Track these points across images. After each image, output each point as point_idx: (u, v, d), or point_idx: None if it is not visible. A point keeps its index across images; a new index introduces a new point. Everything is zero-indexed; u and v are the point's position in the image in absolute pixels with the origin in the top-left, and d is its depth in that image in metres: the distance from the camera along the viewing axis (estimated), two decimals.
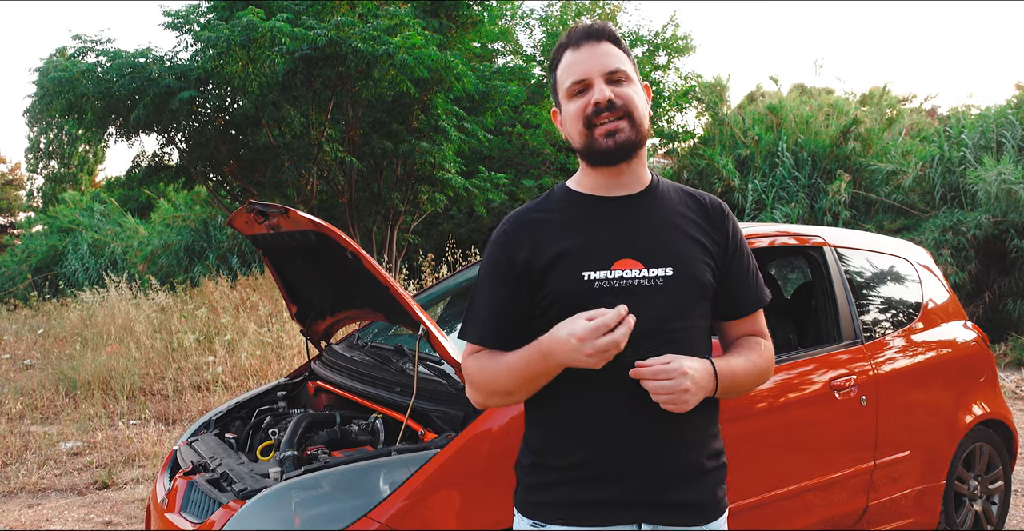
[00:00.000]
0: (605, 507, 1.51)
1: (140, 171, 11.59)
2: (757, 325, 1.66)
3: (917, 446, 3.20)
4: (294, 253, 2.86)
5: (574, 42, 1.54)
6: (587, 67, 1.51)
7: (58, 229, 19.64)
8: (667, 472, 1.51)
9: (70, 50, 10.35)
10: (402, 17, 10.08)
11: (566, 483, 1.53)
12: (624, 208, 1.56)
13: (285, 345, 7.52)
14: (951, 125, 10.97)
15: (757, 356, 1.59)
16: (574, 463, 1.52)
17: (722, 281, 1.59)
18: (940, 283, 3.75)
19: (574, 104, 1.53)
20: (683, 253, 1.53)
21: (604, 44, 1.53)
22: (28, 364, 8.98)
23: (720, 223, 1.61)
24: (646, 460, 1.50)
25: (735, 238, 1.62)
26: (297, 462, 2.38)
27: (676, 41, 16.75)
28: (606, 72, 1.51)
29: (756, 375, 1.59)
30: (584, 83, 1.51)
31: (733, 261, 1.61)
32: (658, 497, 1.51)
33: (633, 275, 1.50)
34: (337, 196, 11.47)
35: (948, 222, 9.46)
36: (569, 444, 1.53)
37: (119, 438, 5.58)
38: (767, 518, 2.74)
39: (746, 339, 1.64)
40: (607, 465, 1.50)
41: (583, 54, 1.53)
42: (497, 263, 1.57)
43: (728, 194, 11.86)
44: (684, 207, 1.59)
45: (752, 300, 1.64)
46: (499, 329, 1.56)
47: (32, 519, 4.20)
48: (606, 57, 1.52)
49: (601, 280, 1.49)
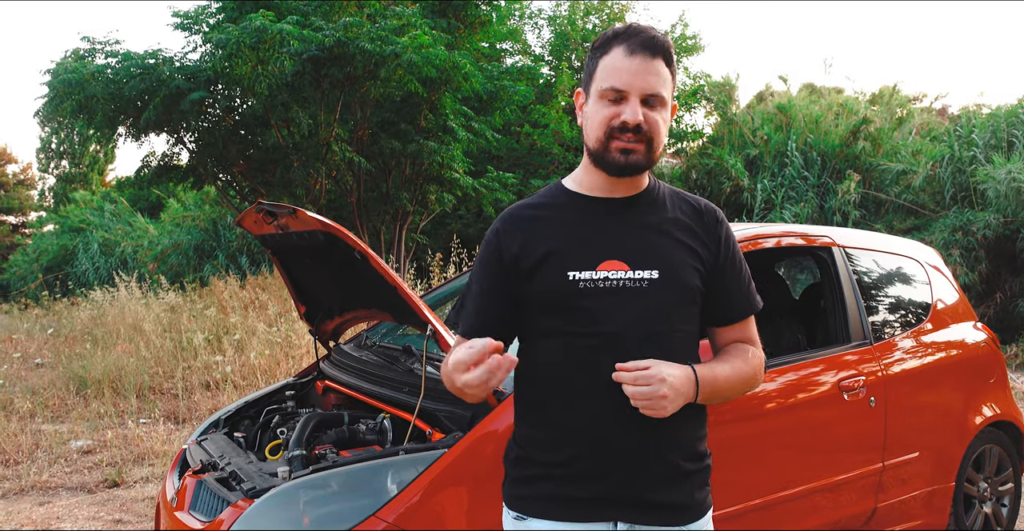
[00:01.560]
0: (585, 504, 1.53)
1: (150, 171, 11.64)
2: (747, 332, 1.66)
3: (926, 447, 3.19)
4: (303, 253, 2.87)
5: (630, 46, 1.49)
6: (630, 80, 1.48)
7: (69, 229, 19.78)
8: (647, 473, 1.53)
9: (81, 51, 10.40)
10: (409, 17, 10.09)
11: (549, 478, 1.56)
12: (617, 211, 1.58)
13: (294, 344, 7.54)
14: (962, 125, 10.91)
15: (743, 364, 1.59)
16: (557, 460, 1.55)
17: (712, 287, 1.59)
18: (950, 283, 3.73)
19: (603, 109, 1.51)
20: (671, 257, 1.54)
21: (657, 61, 1.50)
22: (39, 363, 9.04)
23: (713, 229, 1.61)
24: (627, 461, 1.52)
25: (727, 244, 1.62)
26: (305, 461, 2.39)
27: (685, 41, 16.72)
28: (646, 93, 1.49)
29: (740, 383, 1.58)
30: (621, 94, 1.49)
31: (725, 267, 1.61)
32: (637, 497, 1.53)
33: (618, 276, 1.51)
34: (346, 196, 11.50)
35: (958, 222, 9.41)
36: (552, 441, 1.56)
37: (129, 437, 5.61)
38: (775, 519, 2.73)
39: (734, 346, 1.64)
40: (589, 463, 1.53)
41: (633, 64, 1.48)
42: (490, 258, 1.60)
43: (737, 194, 11.83)
44: (678, 212, 1.60)
45: (743, 307, 1.64)
46: (485, 323, 1.59)
47: (43, 517, 4.23)
48: (653, 77, 1.49)
49: (586, 280, 1.51)
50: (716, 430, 1.78)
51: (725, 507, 2.50)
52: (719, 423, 2.45)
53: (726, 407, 2.52)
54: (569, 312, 1.50)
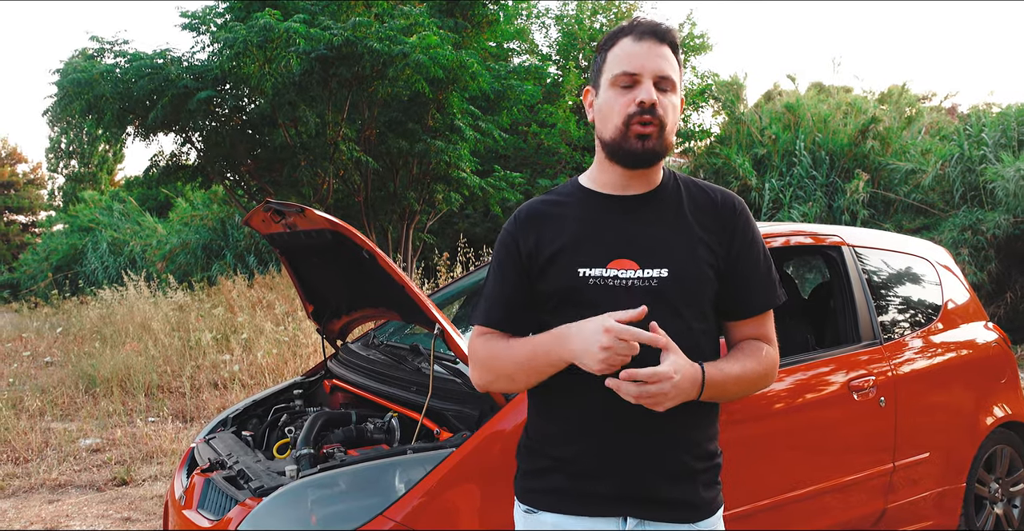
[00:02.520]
0: (595, 499, 1.53)
1: (158, 170, 11.68)
2: (763, 328, 1.62)
3: (937, 448, 3.17)
4: (310, 252, 2.88)
5: (637, 33, 1.52)
6: (643, 63, 1.49)
7: (78, 228, 19.89)
8: (656, 471, 1.52)
9: (89, 51, 10.45)
10: (417, 17, 10.10)
11: (558, 471, 1.56)
12: (629, 208, 1.57)
13: (301, 343, 7.56)
14: (971, 123, 10.85)
15: (755, 363, 1.55)
16: (567, 455, 1.55)
17: (727, 280, 1.56)
18: (960, 283, 3.71)
19: (619, 96, 1.51)
20: (682, 254, 1.53)
21: (665, 47, 1.51)
22: (49, 361, 9.09)
23: (728, 220, 1.58)
24: (636, 458, 1.52)
25: (744, 235, 1.59)
26: (313, 460, 2.39)
27: (692, 40, 16.69)
28: (658, 75, 1.49)
29: (749, 382, 1.55)
30: (634, 78, 1.49)
31: (740, 259, 1.58)
32: (646, 494, 1.52)
33: (627, 275, 1.51)
34: (353, 195, 11.52)
35: (967, 221, 9.36)
36: (563, 435, 1.56)
37: (137, 435, 5.63)
38: (784, 520, 2.72)
39: (748, 343, 1.60)
40: (597, 460, 1.53)
41: (643, 48, 1.50)
42: (507, 252, 1.61)
43: (745, 193, 11.80)
44: (692, 205, 1.58)
45: (759, 301, 1.60)
46: (507, 314, 1.61)
47: (52, 515, 4.25)
48: (663, 60, 1.50)
49: (595, 278, 1.51)
50: (726, 430, 1.77)
51: (735, 507, 2.48)
52: (729, 423, 2.44)
53: (736, 406, 2.51)
54: (579, 308, 1.50)
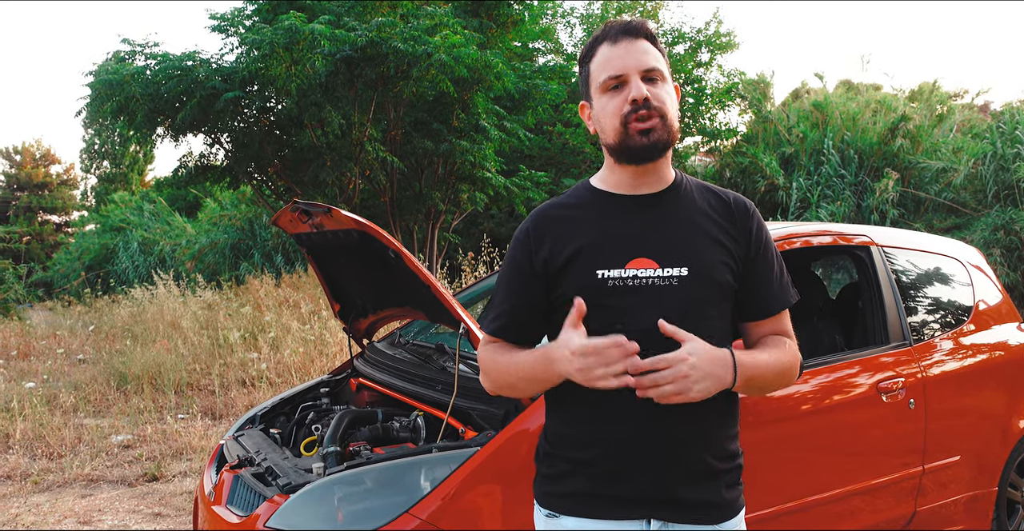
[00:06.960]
0: (616, 502, 1.52)
1: (187, 171, 11.84)
2: (781, 325, 1.62)
3: (968, 451, 3.12)
4: (337, 252, 2.90)
5: (611, 37, 1.53)
6: (624, 63, 1.50)
7: (110, 228, 20.23)
8: (677, 472, 1.51)
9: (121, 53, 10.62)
10: (442, 17, 10.13)
11: (579, 475, 1.54)
12: (644, 207, 1.56)
13: (327, 342, 7.62)
14: (1005, 121, 10.64)
15: (781, 353, 1.55)
16: (586, 458, 1.54)
17: (745, 281, 1.57)
18: (993, 284, 3.65)
19: (610, 100, 1.51)
20: (700, 253, 1.52)
21: (641, 41, 1.52)
22: (81, 359, 9.25)
23: (743, 223, 1.58)
24: (657, 459, 1.50)
25: (759, 238, 1.59)
26: (340, 458, 2.41)
27: (719, 38, 16.54)
28: (643, 70, 1.50)
29: (779, 372, 1.54)
30: (620, 79, 1.50)
31: (756, 261, 1.58)
32: (668, 495, 1.51)
33: (647, 274, 1.50)
34: (379, 195, 11.58)
35: (1000, 221, 9.18)
36: (583, 438, 1.55)
37: (168, 432, 5.72)
38: (811, 522, 2.69)
39: (770, 338, 1.60)
40: (618, 462, 1.51)
41: (620, 50, 1.51)
42: (518, 259, 1.60)
43: (772, 192, 11.68)
44: (706, 206, 1.58)
45: (776, 301, 1.60)
46: (513, 323, 1.60)
47: (85, 509, 4.33)
48: (644, 55, 1.51)
49: (615, 279, 1.50)
50: (752, 432, 1.76)
51: (759, 509, 2.47)
52: (757, 424, 2.43)
53: (764, 408, 2.50)
54: (599, 310, 1.48)
